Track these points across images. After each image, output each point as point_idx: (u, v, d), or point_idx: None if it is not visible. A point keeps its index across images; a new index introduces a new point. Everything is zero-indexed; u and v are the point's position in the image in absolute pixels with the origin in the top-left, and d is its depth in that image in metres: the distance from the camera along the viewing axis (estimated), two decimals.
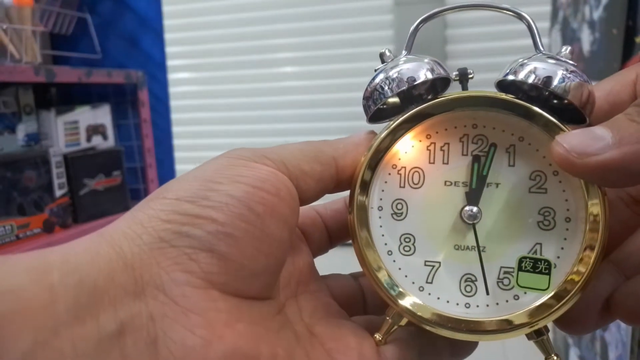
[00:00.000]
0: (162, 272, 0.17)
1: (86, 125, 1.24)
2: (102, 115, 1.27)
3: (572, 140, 0.17)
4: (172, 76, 1.60)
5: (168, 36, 1.59)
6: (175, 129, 1.52)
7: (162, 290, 0.17)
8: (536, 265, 0.21)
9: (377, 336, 0.21)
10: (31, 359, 0.15)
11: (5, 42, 1.01)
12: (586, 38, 0.78)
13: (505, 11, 0.24)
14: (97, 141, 1.26)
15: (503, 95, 0.21)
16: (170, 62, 1.61)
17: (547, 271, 0.20)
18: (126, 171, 1.31)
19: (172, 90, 1.59)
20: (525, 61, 0.21)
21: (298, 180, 0.21)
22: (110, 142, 1.29)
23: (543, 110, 0.20)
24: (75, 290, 0.16)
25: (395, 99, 0.22)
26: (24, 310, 0.15)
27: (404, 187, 0.22)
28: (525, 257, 0.21)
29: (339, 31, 1.94)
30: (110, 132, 1.29)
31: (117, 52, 1.35)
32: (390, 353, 0.21)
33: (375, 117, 0.23)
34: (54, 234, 1.14)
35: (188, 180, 0.19)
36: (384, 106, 0.23)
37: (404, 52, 0.23)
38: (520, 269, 0.21)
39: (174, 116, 1.53)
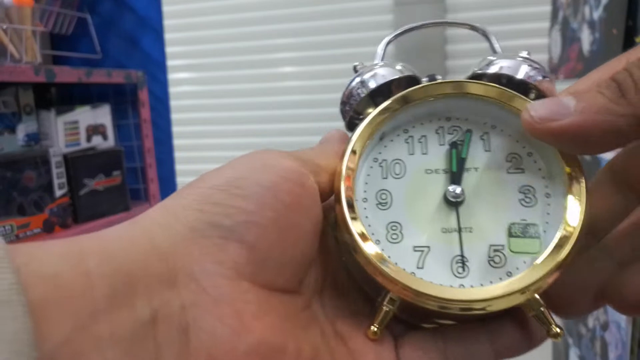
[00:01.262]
0: (194, 262, 0.18)
1: (86, 125, 1.23)
2: (102, 115, 1.27)
3: (539, 107, 0.19)
4: (172, 76, 1.60)
5: (168, 36, 1.59)
6: (175, 129, 1.52)
7: (194, 280, 0.18)
8: (526, 229, 0.21)
9: (373, 327, 0.20)
10: (71, 344, 0.15)
11: (5, 42, 1.01)
12: (586, 38, 0.78)
13: (464, 26, 0.26)
14: (97, 141, 1.26)
15: (475, 81, 0.23)
16: (170, 62, 1.61)
17: (537, 235, 0.21)
18: (126, 171, 1.31)
19: (172, 90, 1.59)
20: (493, 58, 0.24)
21: (316, 175, 0.21)
22: (110, 142, 1.29)
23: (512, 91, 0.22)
24: (111, 279, 0.16)
25: (371, 107, 0.23)
26: (62, 296, 0.15)
27: (386, 178, 0.23)
28: (515, 223, 0.22)
29: (339, 31, 1.94)
30: (110, 132, 1.29)
31: (117, 52, 1.35)
32: (408, 356, 0.20)
33: (352, 125, 0.24)
34: (54, 234, 1.14)
35: (220, 171, 0.20)
36: (361, 116, 0.24)
37: (376, 62, 0.25)
38: (510, 235, 0.21)
39: (174, 116, 1.53)
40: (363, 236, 0.21)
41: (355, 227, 0.21)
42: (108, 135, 1.28)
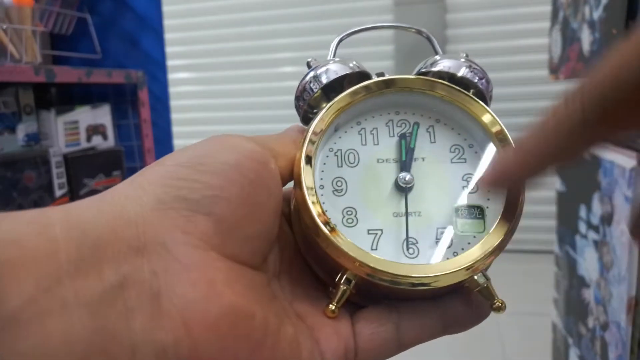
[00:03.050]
0: (164, 231, 0.18)
1: (86, 125, 1.23)
2: (102, 115, 1.27)
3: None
4: (172, 76, 1.60)
5: (168, 36, 1.59)
6: (175, 129, 1.52)
7: (165, 248, 0.18)
8: (471, 211, 0.24)
9: (331, 306, 0.21)
10: (34, 305, 0.15)
11: (5, 42, 1.01)
12: (586, 38, 0.78)
13: (408, 29, 0.28)
14: (97, 141, 1.26)
15: (420, 77, 0.25)
16: (170, 62, 1.61)
17: (480, 216, 0.23)
18: (126, 171, 1.31)
19: (172, 90, 1.59)
20: (437, 58, 0.26)
21: (275, 159, 0.22)
22: (110, 142, 1.29)
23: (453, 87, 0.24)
24: (77, 243, 0.16)
25: (324, 102, 0.25)
26: (27, 259, 0.15)
27: (341, 166, 0.24)
28: (460, 207, 0.24)
29: (339, 31, 1.93)
30: (110, 132, 1.29)
31: (117, 52, 1.35)
32: (364, 330, 0.22)
33: (307, 119, 0.26)
34: None
35: (184, 150, 0.21)
36: (314, 110, 0.25)
37: (329, 58, 0.26)
38: (457, 216, 0.23)
39: (174, 116, 1.53)
40: (322, 219, 0.22)
41: (316, 210, 0.22)
42: (108, 135, 1.28)
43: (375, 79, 0.25)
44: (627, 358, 0.60)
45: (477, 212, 0.23)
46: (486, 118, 0.24)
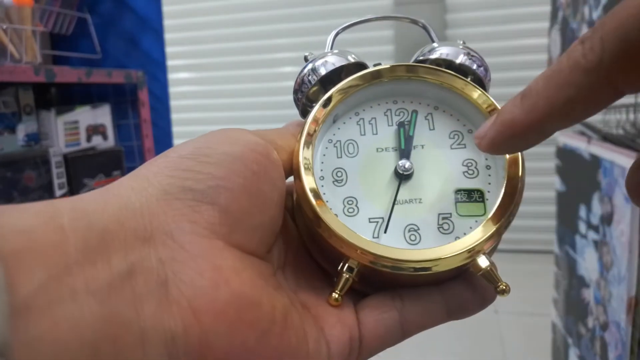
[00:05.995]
0: (170, 221, 0.19)
1: (86, 125, 1.23)
2: (102, 115, 1.27)
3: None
4: (172, 76, 1.60)
5: (168, 36, 1.59)
6: (175, 129, 1.52)
7: (171, 237, 0.18)
8: (471, 194, 0.24)
9: (334, 294, 0.22)
10: (45, 293, 0.15)
11: (5, 42, 1.01)
12: None
13: (403, 19, 0.29)
14: (97, 141, 1.26)
15: (417, 64, 0.25)
16: (170, 62, 1.61)
17: (481, 199, 0.23)
18: (126, 171, 1.31)
19: (172, 90, 1.59)
20: (435, 46, 0.26)
21: (277, 152, 0.23)
22: (110, 142, 1.29)
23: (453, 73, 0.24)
24: (85, 233, 0.17)
25: (322, 94, 0.25)
26: (36, 248, 0.15)
27: (341, 157, 0.24)
28: (460, 190, 0.24)
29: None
30: (110, 132, 1.29)
31: (117, 52, 1.35)
32: (367, 317, 0.22)
33: (306, 113, 0.25)
34: None
35: (187, 143, 0.21)
36: (313, 104, 0.25)
37: (326, 51, 0.26)
38: (457, 200, 0.23)
39: (174, 116, 1.53)
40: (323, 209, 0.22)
41: (317, 201, 0.22)
42: (108, 135, 1.28)
43: (372, 68, 0.25)
44: (627, 358, 0.60)
45: (477, 195, 0.23)
46: (485, 103, 0.24)
